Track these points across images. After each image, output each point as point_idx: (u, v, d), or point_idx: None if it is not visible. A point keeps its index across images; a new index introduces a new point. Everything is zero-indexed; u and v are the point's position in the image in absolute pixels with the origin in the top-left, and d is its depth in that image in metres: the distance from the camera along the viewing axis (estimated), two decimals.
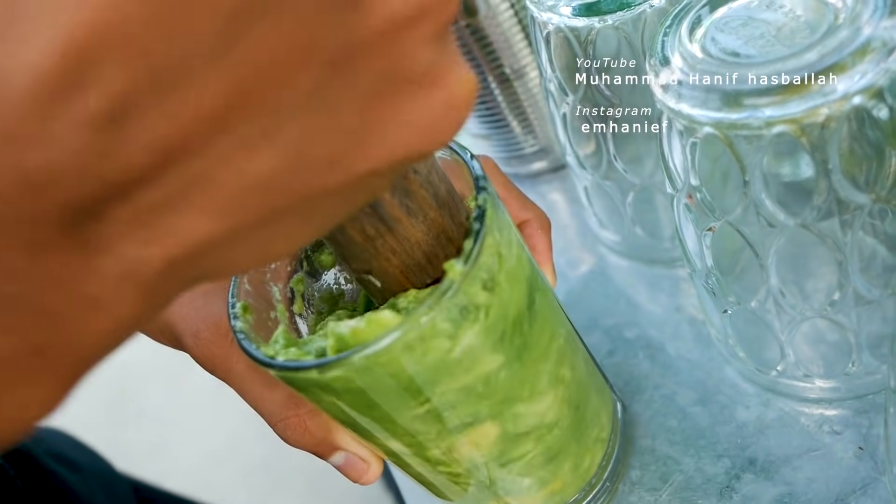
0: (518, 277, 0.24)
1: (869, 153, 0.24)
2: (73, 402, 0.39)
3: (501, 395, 0.25)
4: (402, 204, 0.21)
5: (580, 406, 0.29)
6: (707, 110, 0.24)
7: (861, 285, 0.27)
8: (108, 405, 1.71)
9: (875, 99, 0.22)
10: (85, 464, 0.60)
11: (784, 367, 0.32)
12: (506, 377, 0.24)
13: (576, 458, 0.30)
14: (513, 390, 0.25)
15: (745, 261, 0.29)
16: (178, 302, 0.29)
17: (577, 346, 0.30)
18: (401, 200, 0.21)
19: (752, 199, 0.25)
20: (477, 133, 0.51)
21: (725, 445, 0.34)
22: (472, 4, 0.43)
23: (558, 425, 0.28)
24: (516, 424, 0.26)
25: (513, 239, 0.24)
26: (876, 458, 0.31)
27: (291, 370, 0.22)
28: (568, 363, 0.28)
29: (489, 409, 0.25)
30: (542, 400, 0.27)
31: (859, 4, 0.24)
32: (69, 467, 0.56)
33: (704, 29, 0.27)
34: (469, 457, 0.27)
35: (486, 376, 0.24)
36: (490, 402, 0.25)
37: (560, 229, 0.48)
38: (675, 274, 0.42)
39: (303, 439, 0.29)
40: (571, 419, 0.29)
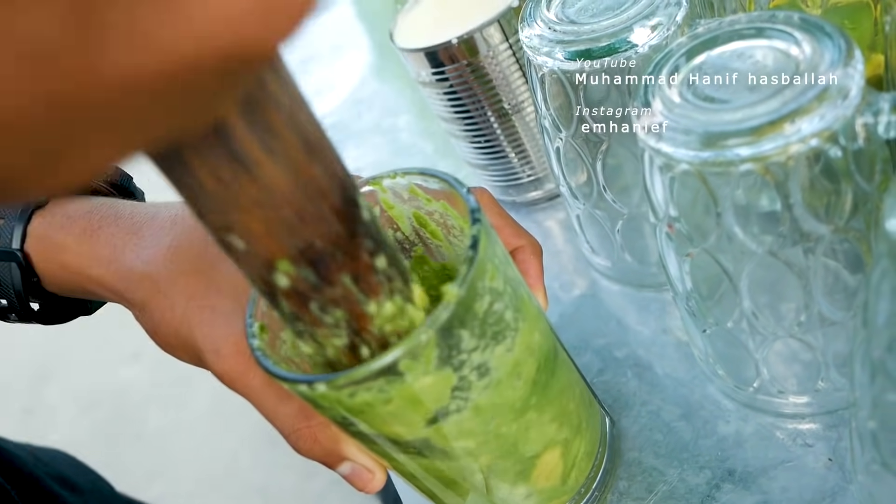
0: (510, 303, 0.27)
1: (827, 188, 0.27)
2: (70, 425, 0.41)
3: (505, 417, 0.27)
4: (263, 142, 0.18)
5: (571, 421, 0.32)
6: (683, 149, 0.27)
7: (825, 308, 0.30)
8: (107, 428, 1.72)
9: (830, 142, 0.25)
10: (86, 485, 0.61)
11: (760, 384, 0.35)
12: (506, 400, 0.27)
13: (567, 469, 0.33)
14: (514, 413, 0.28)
15: (721, 285, 0.31)
16: (199, 322, 0.32)
17: (571, 368, 0.33)
18: (261, 138, 0.18)
19: (725, 229, 0.28)
20: (476, 164, 0.54)
21: (707, 458, 0.36)
22: (473, 45, 0.46)
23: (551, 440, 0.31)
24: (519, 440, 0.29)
25: (505, 264, 0.27)
26: (844, 468, 0.33)
27: (301, 383, 0.24)
28: (559, 382, 0.31)
29: (494, 429, 0.27)
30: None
31: (817, 56, 0.27)
32: (70, 489, 0.58)
33: (682, 75, 0.29)
34: (469, 468, 0.29)
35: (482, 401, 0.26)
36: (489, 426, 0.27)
37: (554, 255, 0.51)
38: (662, 297, 0.44)
39: (313, 450, 0.31)
40: (563, 434, 0.31)
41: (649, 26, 0.33)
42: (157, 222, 0.36)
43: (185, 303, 0.32)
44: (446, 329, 0.23)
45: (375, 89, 0.80)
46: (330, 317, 0.23)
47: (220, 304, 0.31)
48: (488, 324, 0.25)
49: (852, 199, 0.27)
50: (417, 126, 0.71)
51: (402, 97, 0.76)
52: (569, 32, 0.35)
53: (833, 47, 0.27)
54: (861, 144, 0.26)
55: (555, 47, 0.35)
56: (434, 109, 0.52)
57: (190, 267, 0.33)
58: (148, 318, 0.34)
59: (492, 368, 0.26)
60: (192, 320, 0.32)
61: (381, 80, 0.81)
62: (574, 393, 0.32)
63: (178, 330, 0.32)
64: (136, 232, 0.35)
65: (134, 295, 0.34)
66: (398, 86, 0.78)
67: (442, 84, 0.48)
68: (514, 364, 0.27)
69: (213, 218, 0.20)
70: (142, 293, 0.34)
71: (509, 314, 0.26)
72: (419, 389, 0.24)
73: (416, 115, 0.73)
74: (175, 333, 0.33)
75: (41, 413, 1.82)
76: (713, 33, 0.30)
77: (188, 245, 0.34)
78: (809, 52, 0.27)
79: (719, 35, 0.30)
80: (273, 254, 0.21)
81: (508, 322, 0.26)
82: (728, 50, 0.29)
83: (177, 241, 0.34)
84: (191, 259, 0.33)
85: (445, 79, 0.48)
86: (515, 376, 0.27)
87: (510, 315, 0.26)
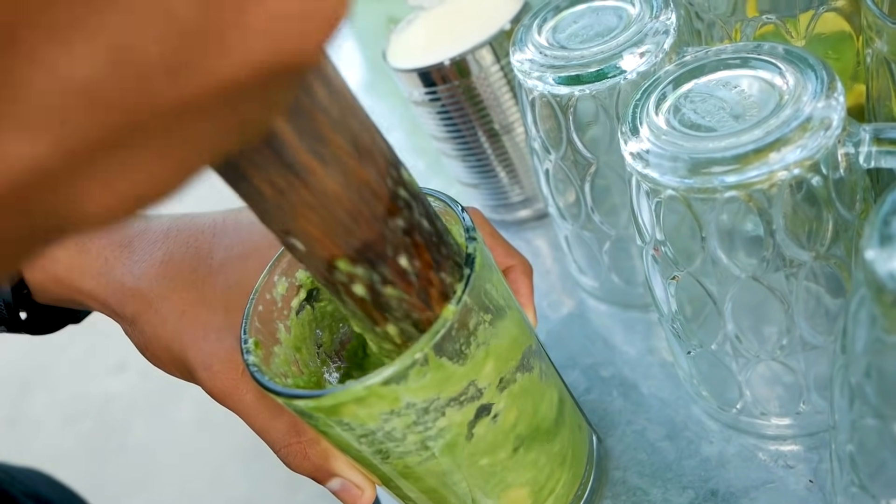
0: (503, 315, 0.27)
1: (809, 215, 0.28)
2: (54, 436, 0.41)
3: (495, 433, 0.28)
4: (313, 150, 0.19)
5: (560, 437, 0.32)
6: (670, 175, 0.27)
7: (806, 332, 0.30)
8: (89, 439, 1.71)
9: (812, 171, 0.26)
10: (61, 503, 0.61)
11: (743, 405, 0.35)
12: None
13: (554, 486, 0.33)
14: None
15: (705, 307, 0.32)
16: (191, 338, 0.32)
17: (559, 385, 0.33)
18: (310, 146, 0.19)
19: (710, 253, 0.29)
20: (467, 182, 0.55)
21: (690, 478, 0.36)
22: (465, 66, 0.46)
23: (537, 454, 0.31)
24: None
25: (499, 282, 0.28)
26: (825, 490, 0.33)
27: (294, 398, 0.25)
28: (548, 397, 0.31)
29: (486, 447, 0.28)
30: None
31: (800, 87, 0.28)
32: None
33: (669, 103, 0.30)
34: (458, 484, 0.30)
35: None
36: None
37: (543, 274, 0.51)
38: (649, 318, 0.45)
39: (303, 465, 0.31)
40: (552, 449, 0.32)
41: (638, 53, 0.34)
42: (148, 235, 0.36)
43: (177, 319, 0.32)
44: (438, 346, 0.24)
45: (368, 106, 0.79)
46: (391, 312, 0.24)
47: (211, 321, 0.32)
48: (479, 339, 0.26)
49: (833, 226, 0.28)
50: (409, 143, 0.72)
51: (394, 114, 0.77)
52: (559, 57, 0.36)
53: (816, 79, 0.27)
54: (842, 174, 0.27)
55: (545, 72, 0.36)
56: (426, 128, 0.53)
57: (182, 282, 0.33)
58: (139, 333, 0.34)
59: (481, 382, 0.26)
60: (183, 336, 0.32)
61: (373, 98, 0.82)
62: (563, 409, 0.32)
63: (170, 345, 0.33)
64: (128, 245, 0.36)
65: (124, 309, 0.34)
66: (390, 103, 0.79)
67: (434, 104, 0.49)
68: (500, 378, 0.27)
69: (273, 222, 0.21)
70: (132, 308, 0.34)
71: (501, 329, 0.27)
72: (410, 403, 0.24)
73: (407, 133, 0.73)
74: (166, 349, 0.33)
75: (24, 424, 1.80)
76: (700, 62, 0.31)
77: (180, 259, 0.34)
78: (793, 82, 0.28)
79: (706, 64, 0.31)
80: (332, 254, 0.22)
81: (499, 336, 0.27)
82: (714, 78, 0.30)
83: (168, 256, 0.34)
84: (183, 274, 0.34)
85: (437, 99, 0.48)
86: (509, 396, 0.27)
87: (501, 329, 0.27)
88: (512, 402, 0.28)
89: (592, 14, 0.38)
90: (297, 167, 0.19)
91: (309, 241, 0.21)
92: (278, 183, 0.19)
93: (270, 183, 0.19)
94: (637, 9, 0.36)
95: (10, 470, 0.57)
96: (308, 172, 0.19)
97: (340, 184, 0.20)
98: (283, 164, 0.19)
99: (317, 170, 0.19)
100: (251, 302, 0.29)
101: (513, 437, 0.29)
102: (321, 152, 0.19)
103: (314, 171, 0.19)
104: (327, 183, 0.20)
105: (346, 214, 0.21)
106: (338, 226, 0.21)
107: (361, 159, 0.20)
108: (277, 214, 0.20)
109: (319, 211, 0.20)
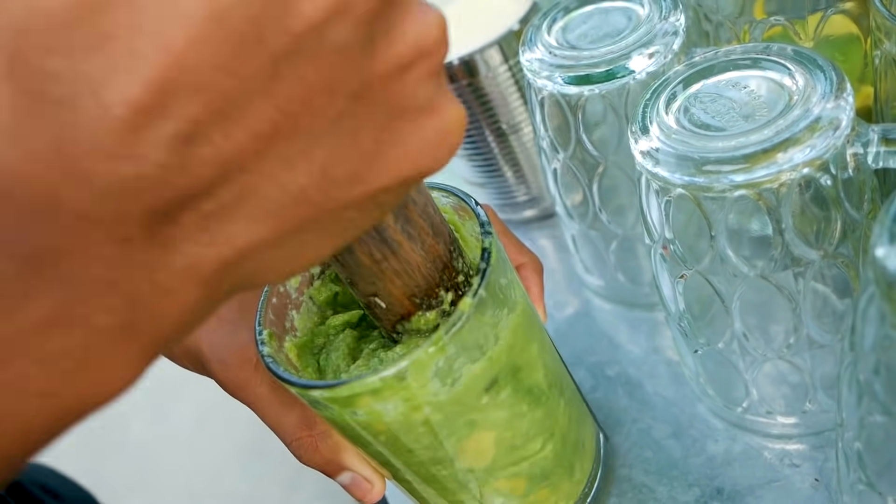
0: (517, 310, 0.27)
1: (818, 215, 0.28)
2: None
3: (504, 416, 0.28)
4: (404, 230, 0.24)
5: (568, 434, 0.32)
6: (679, 174, 0.28)
7: (813, 331, 0.31)
8: (89, 438, 1.71)
9: (821, 170, 0.26)
10: (68, 495, 0.61)
11: (749, 404, 0.35)
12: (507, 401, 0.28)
13: (561, 482, 0.33)
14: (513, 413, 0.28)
15: (713, 306, 0.32)
16: (205, 331, 0.32)
17: (568, 381, 0.33)
18: (402, 227, 0.24)
19: (718, 252, 0.29)
20: (474, 181, 0.55)
21: (696, 476, 0.37)
22: (473, 66, 0.47)
23: (546, 450, 0.31)
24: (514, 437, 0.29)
25: (512, 277, 0.28)
26: (830, 489, 0.34)
27: (309, 388, 0.25)
28: (557, 392, 0.31)
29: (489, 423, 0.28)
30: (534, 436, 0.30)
31: (809, 88, 0.28)
32: (53, 496, 0.58)
33: (679, 103, 0.30)
34: (463, 477, 0.30)
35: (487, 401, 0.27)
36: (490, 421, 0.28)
37: (548, 273, 0.52)
38: (654, 317, 0.45)
39: (313, 458, 0.31)
40: (560, 445, 0.32)
41: (647, 54, 0.34)
42: None
43: None
44: (457, 336, 0.24)
45: None
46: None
47: (224, 314, 0.32)
48: (493, 332, 0.26)
49: (841, 225, 0.28)
50: None
51: None
52: (569, 57, 0.36)
53: (825, 79, 0.28)
54: (850, 174, 0.27)
55: (555, 71, 0.36)
56: None
57: None
58: None
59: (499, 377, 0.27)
60: (197, 330, 0.32)
61: None
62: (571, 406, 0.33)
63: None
64: None
65: None
66: None
67: None
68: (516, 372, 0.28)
69: (363, 286, 0.26)
70: None
71: (514, 323, 0.27)
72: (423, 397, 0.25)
73: None
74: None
75: None
76: (709, 62, 0.31)
77: None
78: (802, 83, 0.28)
79: (715, 64, 0.31)
80: (406, 309, 0.26)
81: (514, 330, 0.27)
82: (724, 79, 0.30)
83: None
84: None
85: None
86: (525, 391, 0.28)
87: (515, 323, 0.27)
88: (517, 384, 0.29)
89: (601, 15, 0.38)
90: (391, 242, 0.24)
91: (390, 301, 0.26)
92: (375, 254, 0.24)
93: (369, 254, 0.24)
94: (646, 10, 0.37)
95: None
96: (399, 246, 0.24)
97: (421, 256, 0.25)
98: (382, 240, 0.24)
99: (405, 244, 0.24)
100: (265, 294, 0.29)
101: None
102: (409, 231, 0.24)
103: (402, 245, 0.24)
104: (412, 255, 0.25)
105: (423, 279, 0.26)
106: (416, 288, 0.26)
107: (436, 237, 0.26)
108: (369, 279, 0.25)
109: (403, 276, 0.25)
